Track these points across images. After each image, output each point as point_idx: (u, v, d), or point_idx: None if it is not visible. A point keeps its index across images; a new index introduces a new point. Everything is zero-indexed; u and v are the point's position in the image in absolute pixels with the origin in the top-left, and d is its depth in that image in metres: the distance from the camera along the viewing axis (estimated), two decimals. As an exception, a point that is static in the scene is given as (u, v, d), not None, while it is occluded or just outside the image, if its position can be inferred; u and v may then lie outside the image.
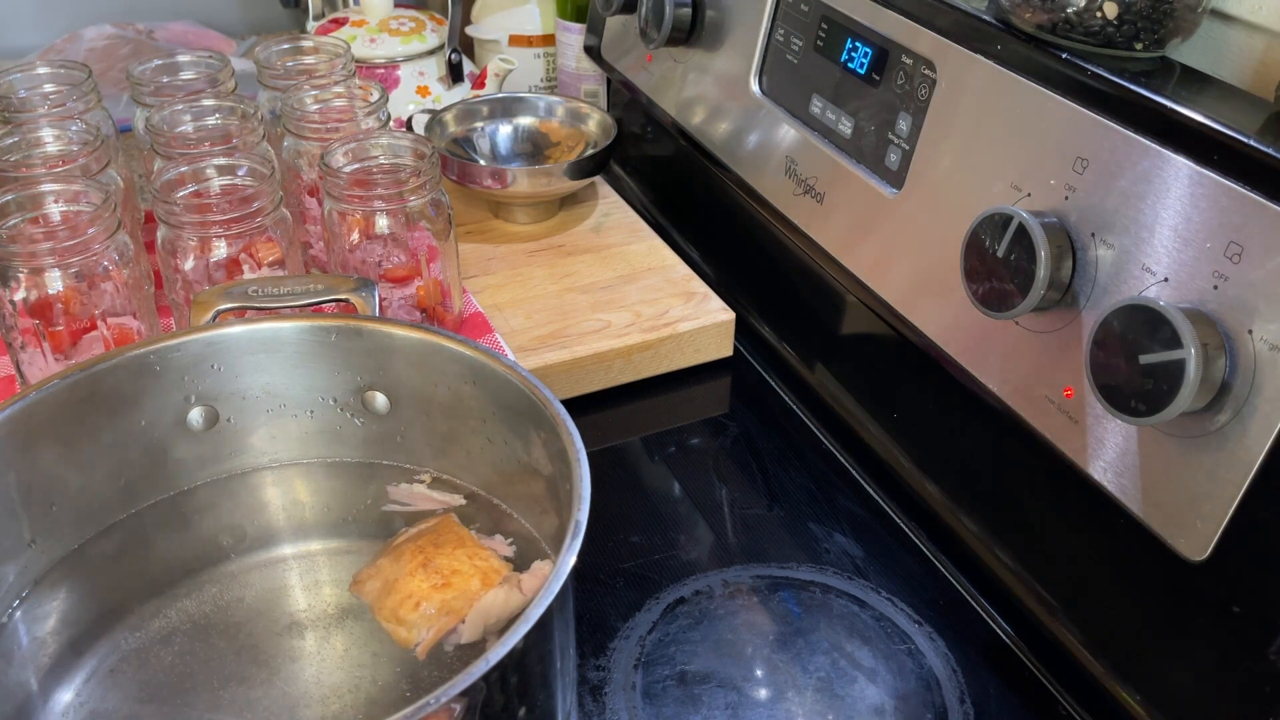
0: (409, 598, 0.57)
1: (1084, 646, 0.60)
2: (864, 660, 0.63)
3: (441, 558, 0.59)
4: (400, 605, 0.57)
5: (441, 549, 0.59)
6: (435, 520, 0.63)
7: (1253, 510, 0.49)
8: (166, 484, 0.65)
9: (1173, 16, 0.57)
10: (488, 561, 0.59)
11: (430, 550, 0.59)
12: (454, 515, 0.63)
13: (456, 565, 0.58)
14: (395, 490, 0.66)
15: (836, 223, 0.76)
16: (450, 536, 0.61)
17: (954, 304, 0.64)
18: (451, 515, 0.63)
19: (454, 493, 0.65)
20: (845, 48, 0.74)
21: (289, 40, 0.95)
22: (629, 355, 0.85)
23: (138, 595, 0.60)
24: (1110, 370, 0.51)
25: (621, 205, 1.05)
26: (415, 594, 0.57)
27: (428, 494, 0.65)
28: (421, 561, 0.58)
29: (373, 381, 0.65)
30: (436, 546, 0.59)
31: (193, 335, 0.62)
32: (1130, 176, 0.53)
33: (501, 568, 0.59)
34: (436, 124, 1.02)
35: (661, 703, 0.60)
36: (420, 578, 0.58)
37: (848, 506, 0.75)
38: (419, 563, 0.58)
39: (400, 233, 0.77)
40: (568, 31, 1.16)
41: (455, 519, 0.63)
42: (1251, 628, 0.51)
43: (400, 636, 0.57)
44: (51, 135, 0.80)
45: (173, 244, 0.72)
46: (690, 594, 0.67)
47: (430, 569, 0.58)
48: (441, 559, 0.58)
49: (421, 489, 0.66)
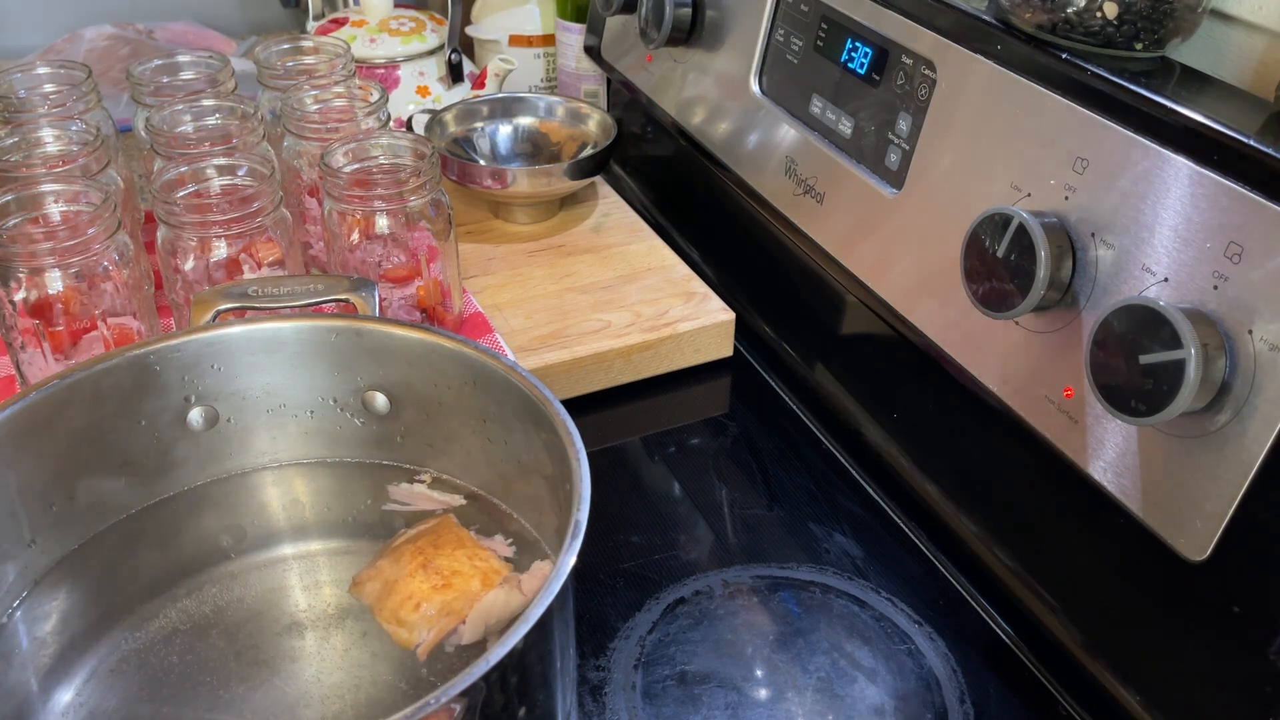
0: (409, 599, 0.57)
1: (1084, 646, 0.60)
2: (864, 660, 0.63)
3: (441, 558, 0.59)
4: (400, 606, 0.57)
5: (441, 550, 0.59)
6: (435, 521, 0.63)
7: (1253, 510, 0.49)
8: (166, 484, 0.65)
9: (1173, 16, 0.57)
10: (488, 562, 0.59)
11: (430, 551, 0.59)
12: (453, 516, 0.63)
13: (456, 566, 0.58)
14: (396, 490, 0.66)
15: (836, 223, 0.76)
16: (450, 537, 0.61)
17: (954, 304, 0.64)
18: (451, 516, 0.63)
19: (454, 493, 0.65)
20: (845, 48, 0.74)
21: (289, 40, 0.95)
22: (629, 355, 0.85)
23: (138, 595, 0.60)
24: (1110, 370, 0.51)
25: (621, 205, 1.05)
26: (415, 595, 0.57)
27: (428, 494, 0.65)
28: (421, 563, 0.58)
29: (373, 381, 0.65)
30: (436, 547, 0.59)
31: (193, 335, 0.62)
32: (1130, 176, 0.53)
33: (502, 568, 0.59)
34: (436, 124, 1.02)
35: (661, 703, 0.60)
36: (420, 579, 0.58)
37: (848, 506, 0.75)
38: (419, 564, 0.58)
39: (400, 233, 0.77)
40: (568, 31, 1.16)
41: (455, 520, 0.63)
42: (1251, 628, 0.51)
43: (401, 638, 0.57)
44: (51, 135, 0.80)
45: (173, 244, 0.72)
46: (690, 594, 0.67)
47: (430, 570, 0.58)
48: (441, 560, 0.58)
49: (422, 489, 0.66)
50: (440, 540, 0.60)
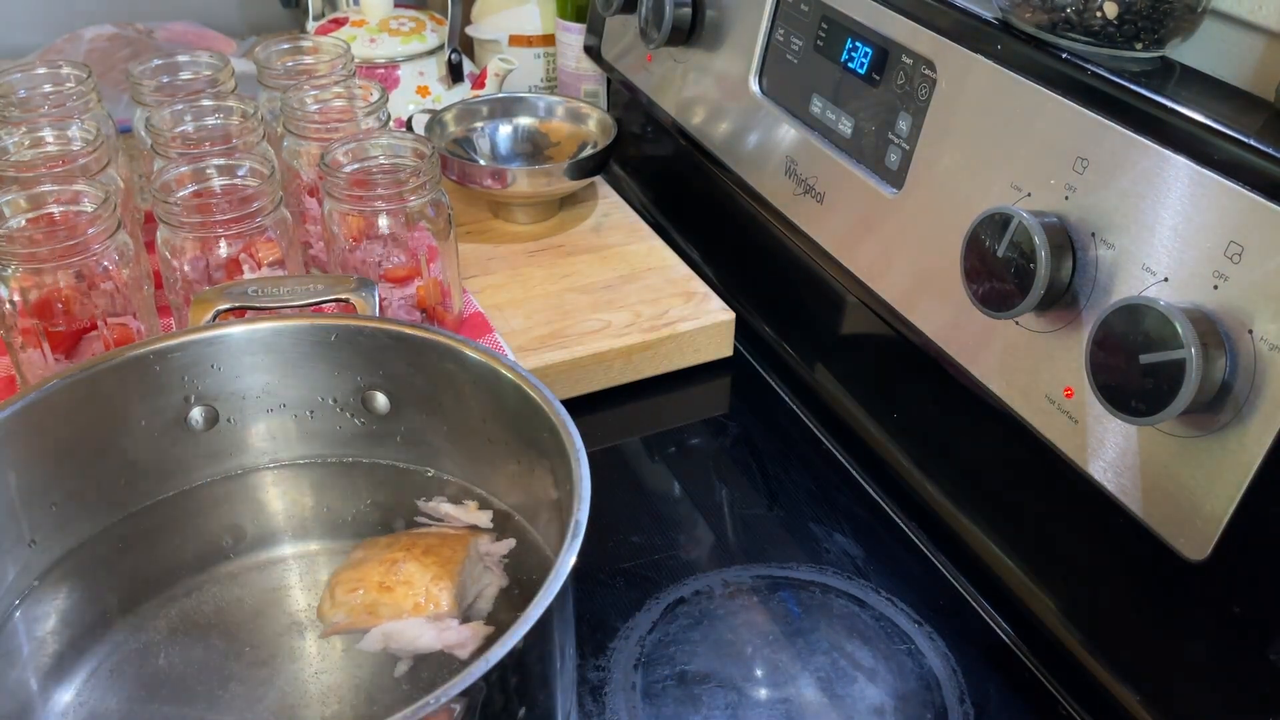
0: (359, 580, 0.58)
1: (1084, 646, 0.60)
2: (864, 660, 0.63)
3: (412, 564, 0.58)
4: (347, 580, 0.58)
5: (420, 558, 0.59)
6: (455, 534, 0.62)
7: (1253, 510, 0.49)
8: (166, 484, 0.65)
9: (1173, 16, 0.57)
10: (439, 593, 0.57)
11: (414, 553, 0.59)
12: (471, 539, 0.62)
13: (413, 580, 0.57)
14: (426, 505, 0.65)
15: (836, 223, 0.76)
16: (445, 555, 0.59)
17: (954, 304, 0.64)
18: (468, 537, 0.62)
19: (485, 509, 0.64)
20: (845, 47, 0.74)
21: (289, 40, 0.95)
22: (629, 355, 0.85)
23: (138, 595, 0.60)
24: (1110, 370, 0.51)
25: (621, 205, 1.05)
26: (363, 581, 0.57)
27: (455, 512, 0.64)
28: (395, 559, 0.58)
29: (373, 381, 0.65)
30: (424, 553, 0.59)
31: (193, 335, 0.62)
32: (1130, 176, 0.53)
33: (446, 608, 0.57)
34: (436, 124, 1.02)
35: (661, 703, 0.60)
36: (379, 571, 0.58)
37: (848, 506, 0.75)
38: (392, 559, 0.58)
39: (400, 233, 0.77)
40: (568, 31, 1.16)
41: (470, 543, 0.61)
42: (1251, 628, 0.51)
43: (324, 607, 0.58)
44: (51, 135, 0.80)
45: (173, 244, 0.72)
46: (690, 594, 0.67)
47: (393, 569, 0.58)
48: (411, 566, 0.58)
49: (449, 507, 0.64)
50: (433, 550, 0.59)
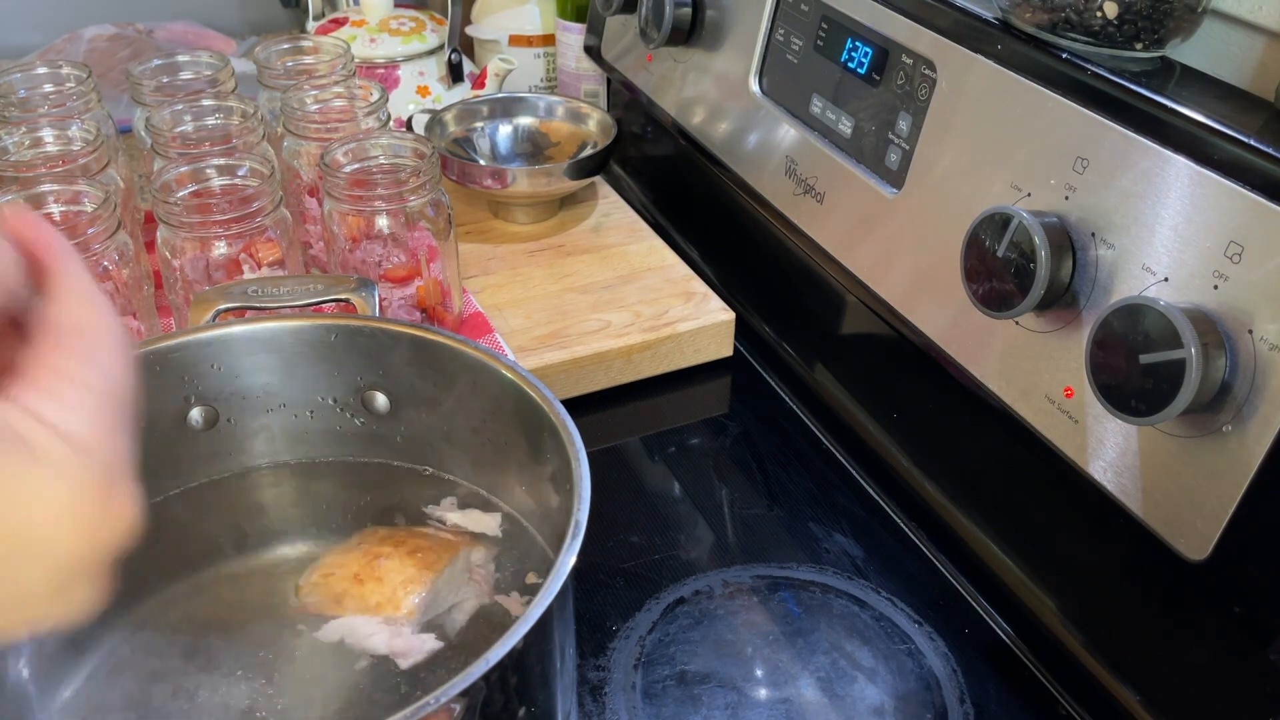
0: (338, 566, 0.58)
1: (1084, 646, 0.60)
2: (864, 660, 0.63)
3: (393, 562, 0.58)
4: (328, 564, 0.58)
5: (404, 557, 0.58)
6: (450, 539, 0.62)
7: (1253, 510, 0.49)
8: (166, 484, 0.65)
9: (1173, 16, 0.57)
10: (404, 597, 0.57)
11: (400, 551, 0.59)
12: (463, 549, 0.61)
13: (386, 577, 0.57)
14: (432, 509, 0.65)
15: (836, 223, 0.76)
16: (429, 559, 0.59)
17: (954, 304, 0.64)
18: (460, 546, 0.61)
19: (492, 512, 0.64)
20: (845, 47, 0.74)
21: (289, 40, 0.95)
22: (629, 355, 0.85)
23: (137, 595, 0.60)
24: (1110, 370, 0.51)
25: (621, 205, 1.05)
26: (342, 568, 0.58)
27: (460, 520, 0.64)
28: (380, 553, 0.58)
29: (373, 381, 0.65)
30: (410, 553, 0.59)
31: (193, 335, 0.62)
32: (1130, 176, 0.53)
33: (405, 614, 0.57)
34: (436, 124, 1.02)
35: (661, 703, 0.60)
36: (360, 563, 0.58)
37: (848, 506, 0.75)
38: (377, 553, 0.58)
39: (400, 233, 0.77)
40: (568, 31, 1.16)
41: (460, 552, 0.60)
42: (1251, 628, 0.51)
43: (302, 585, 0.59)
44: (51, 135, 0.80)
45: (173, 244, 0.72)
46: (690, 594, 0.67)
47: (372, 564, 0.58)
48: (391, 564, 0.58)
49: (456, 515, 0.64)
50: (423, 554, 0.59)
